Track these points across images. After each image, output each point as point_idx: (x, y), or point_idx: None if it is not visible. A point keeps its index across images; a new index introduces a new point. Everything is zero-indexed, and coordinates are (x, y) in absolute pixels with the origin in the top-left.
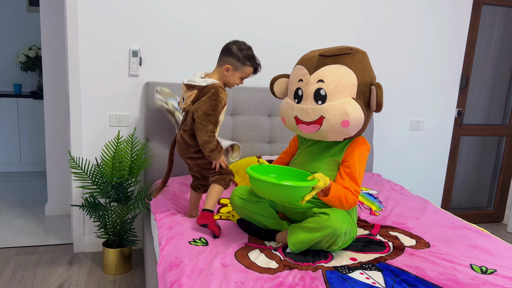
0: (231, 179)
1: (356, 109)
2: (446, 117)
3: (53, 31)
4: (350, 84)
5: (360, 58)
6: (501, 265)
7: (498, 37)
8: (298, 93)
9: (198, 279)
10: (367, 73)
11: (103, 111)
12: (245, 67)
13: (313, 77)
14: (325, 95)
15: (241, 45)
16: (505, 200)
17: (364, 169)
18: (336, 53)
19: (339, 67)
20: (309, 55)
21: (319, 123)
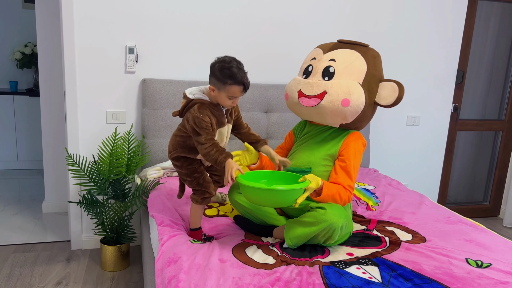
0: (204, 197)
1: (360, 92)
2: (443, 113)
3: (48, 28)
4: (359, 69)
5: (374, 54)
6: (496, 259)
7: (494, 32)
8: (308, 69)
9: (196, 274)
10: (378, 69)
11: (100, 108)
12: (227, 87)
13: (326, 56)
14: (333, 73)
15: (223, 64)
16: (501, 194)
17: (359, 164)
18: (354, 42)
19: (353, 52)
20: (328, 43)
21: (320, 97)
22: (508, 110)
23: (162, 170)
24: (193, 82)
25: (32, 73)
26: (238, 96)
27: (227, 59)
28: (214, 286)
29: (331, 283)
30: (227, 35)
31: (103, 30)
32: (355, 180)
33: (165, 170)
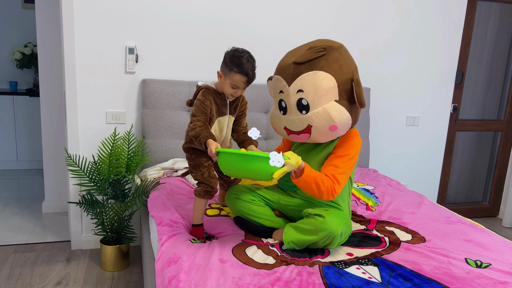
0: (207, 190)
1: (341, 111)
2: (442, 113)
3: (48, 28)
4: (329, 88)
5: (335, 56)
6: (495, 259)
7: (493, 32)
8: (282, 104)
9: (196, 274)
10: (345, 70)
11: (100, 108)
12: (232, 74)
13: (292, 88)
14: (308, 104)
15: (235, 52)
16: (500, 194)
17: (352, 161)
18: (310, 58)
19: (314, 74)
20: (285, 63)
21: (308, 132)
22: (507, 111)
23: (162, 171)
24: (193, 82)
25: (32, 73)
26: (241, 86)
27: (241, 50)
28: (214, 286)
29: (331, 283)
30: (227, 35)
31: (103, 31)
32: (345, 173)
33: (165, 171)
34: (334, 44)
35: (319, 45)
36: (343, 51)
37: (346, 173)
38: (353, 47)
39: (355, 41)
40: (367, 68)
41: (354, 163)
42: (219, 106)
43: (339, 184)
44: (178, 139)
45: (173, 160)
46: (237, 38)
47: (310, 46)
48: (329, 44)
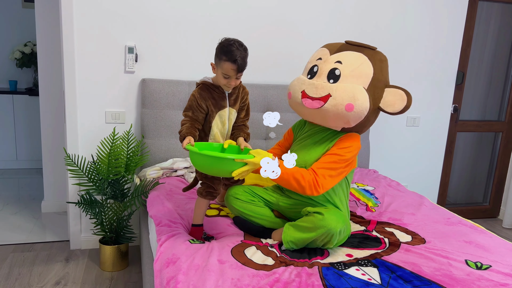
0: (208, 191)
1: (365, 97)
2: (442, 113)
3: (48, 28)
4: (366, 73)
5: (382, 58)
6: (496, 261)
7: (494, 33)
8: (314, 69)
9: (195, 275)
10: (384, 73)
11: (99, 108)
12: (222, 62)
13: (333, 57)
14: (339, 76)
15: (225, 41)
16: (500, 195)
17: (345, 163)
18: (362, 44)
19: (360, 55)
20: (335, 42)
21: (324, 100)
22: (508, 111)
23: (161, 170)
24: (192, 82)
25: (31, 73)
26: (231, 75)
27: (231, 39)
28: (213, 287)
29: (330, 284)
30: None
31: (102, 30)
32: (332, 170)
33: (164, 170)
34: (382, 54)
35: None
36: (387, 62)
37: (334, 170)
38: None
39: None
40: None
41: (347, 165)
42: (217, 100)
43: (323, 177)
44: (177, 139)
45: (173, 160)
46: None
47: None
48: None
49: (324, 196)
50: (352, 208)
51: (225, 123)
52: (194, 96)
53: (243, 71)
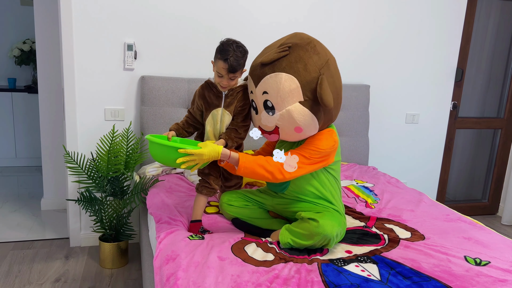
0: (204, 185)
1: (303, 113)
2: (442, 110)
3: (47, 25)
4: (291, 89)
5: (299, 55)
6: (495, 257)
7: (493, 30)
8: (253, 104)
9: (195, 272)
10: (311, 68)
11: (98, 105)
12: (216, 61)
13: (258, 90)
14: (273, 106)
15: (225, 41)
16: (499, 192)
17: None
18: (273, 58)
19: (276, 76)
20: (255, 63)
21: (276, 133)
22: (507, 108)
23: (161, 168)
24: (192, 79)
25: (30, 70)
26: (223, 74)
27: (232, 40)
28: (212, 284)
29: (329, 280)
30: (227, 31)
31: (101, 27)
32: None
33: (164, 168)
34: (301, 41)
35: (286, 43)
36: (310, 47)
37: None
38: (352, 44)
39: (354, 38)
40: (366, 65)
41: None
42: (213, 99)
43: (288, 165)
44: None
45: None
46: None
47: (281, 43)
48: (296, 41)
49: (314, 193)
50: (351, 204)
51: (217, 123)
52: (196, 91)
53: (236, 72)
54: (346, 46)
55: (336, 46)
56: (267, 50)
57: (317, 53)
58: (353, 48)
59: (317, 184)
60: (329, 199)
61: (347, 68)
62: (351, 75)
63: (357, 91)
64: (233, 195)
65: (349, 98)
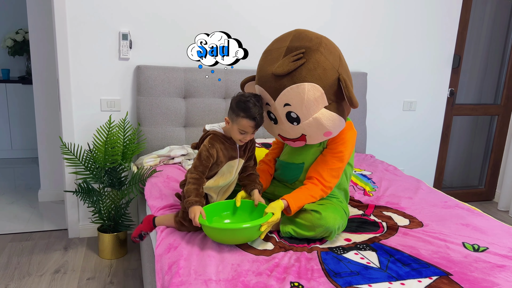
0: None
1: (332, 118)
2: (439, 97)
3: (40, 15)
4: (316, 98)
5: (316, 60)
6: (492, 243)
7: (490, 16)
8: (271, 116)
9: (196, 261)
10: (330, 71)
11: (94, 96)
12: (239, 119)
13: (278, 103)
14: (297, 117)
15: (241, 97)
16: (496, 178)
17: (346, 157)
18: (290, 69)
19: (298, 87)
20: (265, 73)
21: (303, 140)
22: (504, 95)
23: (159, 158)
24: (188, 68)
25: (24, 61)
26: (249, 131)
27: (247, 94)
28: (213, 273)
29: (329, 268)
30: (223, 19)
31: (96, 16)
32: (335, 169)
33: (161, 158)
34: (312, 44)
35: (297, 47)
36: (323, 48)
37: (335, 170)
38: (349, 32)
39: (352, 26)
40: (363, 53)
41: (347, 157)
42: (229, 150)
43: (328, 181)
44: (174, 126)
45: (169, 148)
46: (233, 23)
47: (288, 46)
48: (306, 44)
49: None
50: (350, 192)
51: (232, 173)
52: (207, 147)
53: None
54: (343, 34)
55: (333, 34)
56: (273, 55)
57: (330, 52)
58: (350, 36)
59: None
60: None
61: (344, 55)
62: (348, 63)
63: (355, 79)
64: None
65: None
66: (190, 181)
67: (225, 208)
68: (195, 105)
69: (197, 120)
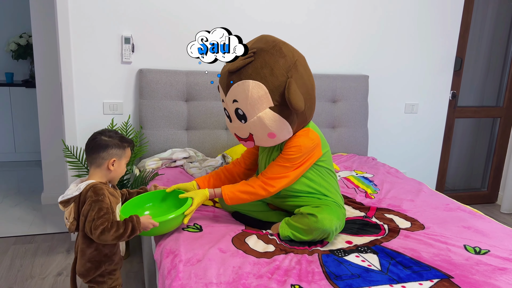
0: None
1: (274, 119)
2: (441, 100)
3: (43, 18)
4: (259, 96)
5: (264, 60)
6: (494, 246)
7: (492, 18)
8: (226, 113)
9: (196, 264)
10: (278, 72)
11: (97, 99)
12: (127, 150)
13: (228, 99)
14: (244, 114)
15: (109, 134)
16: (498, 181)
17: (298, 161)
18: (239, 66)
19: (243, 83)
20: (223, 70)
21: (251, 139)
22: (506, 97)
23: (161, 161)
24: (190, 71)
25: (28, 64)
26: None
27: (106, 132)
28: (214, 276)
29: (330, 271)
30: (224, 23)
31: (98, 20)
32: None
33: (164, 161)
34: (266, 45)
35: (252, 47)
36: (276, 50)
37: (283, 166)
38: (350, 35)
39: (353, 28)
40: (365, 56)
41: (300, 162)
42: (115, 196)
43: (272, 176)
44: (176, 129)
45: (172, 151)
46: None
47: (249, 47)
48: (261, 45)
49: (305, 189)
50: (351, 195)
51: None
52: (102, 190)
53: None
54: (345, 37)
55: (335, 37)
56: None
57: (283, 56)
58: (351, 39)
59: (306, 181)
60: (323, 192)
61: (345, 58)
62: (350, 66)
63: (356, 82)
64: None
65: (348, 89)
66: (105, 228)
67: (141, 203)
68: (197, 108)
69: (199, 123)
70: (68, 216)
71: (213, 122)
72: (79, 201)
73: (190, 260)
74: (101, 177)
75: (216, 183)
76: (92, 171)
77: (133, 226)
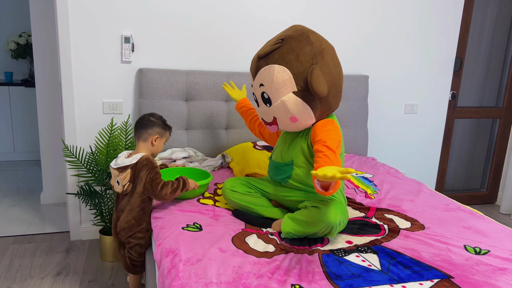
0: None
1: (296, 103)
2: (440, 100)
3: (43, 17)
4: (283, 80)
5: (291, 46)
6: (494, 246)
7: (492, 18)
8: (254, 97)
9: (196, 264)
10: (303, 58)
11: (96, 99)
12: (167, 133)
13: (255, 83)
14: (269, 98)
15: (156, 116)
16: (498, 181)
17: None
18: (268, 51)
19: (269, 68)
20: (254, 57)
21: (275, 123)
22: (505, 97)
23: (160, 161)
24: (190, 71)
25: (27, 64)
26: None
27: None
28: (214, 275)
29: (330, 271)
30: (224, 23)
31: (98, 19)
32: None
33: (163, 161)
34: (295, 33)
35: (278, 37)
36: (303, 38)
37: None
38: (350, 35)
39: (352, 29)
40: (365, 56)
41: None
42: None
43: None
44: (175, 129)
45: (171, 150)
46: (233, 26)
47: (279, 35)
48: (290, 33)
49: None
50: (351, 195)
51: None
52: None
53: None
54: (345, 37)
55: (334, 37)
56: (268, 43)
57: (310, 44)
58: (351, 39)
59: None
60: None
61: (345, 58)
62: (350, 66)
63: (356, 82)
64: (236, 181)
65: (348, 89)
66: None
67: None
68: (197, 108)
69: (199, 123)
70: (121, 180)
71: (213, 122)
72: (135, 168)
73: (190, 260)
74: (146, 150)
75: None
76: (140, 145)
77: (184, 181)
